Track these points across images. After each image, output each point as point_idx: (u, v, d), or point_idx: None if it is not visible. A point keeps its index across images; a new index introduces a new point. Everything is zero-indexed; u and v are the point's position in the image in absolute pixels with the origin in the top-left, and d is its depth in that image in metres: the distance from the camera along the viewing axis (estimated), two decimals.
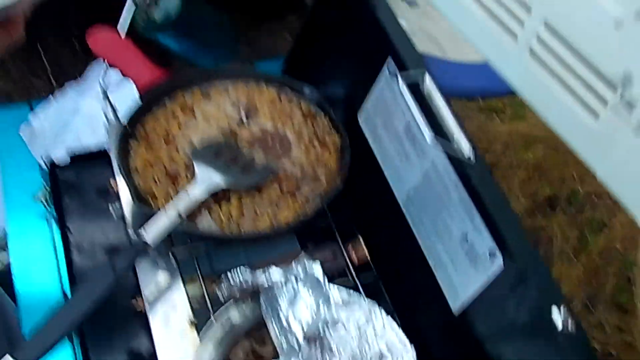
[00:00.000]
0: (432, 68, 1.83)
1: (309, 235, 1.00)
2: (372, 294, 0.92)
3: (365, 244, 0.96)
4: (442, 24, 1.72)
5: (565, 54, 0.69)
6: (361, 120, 0.97)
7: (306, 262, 0.81)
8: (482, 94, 1.84)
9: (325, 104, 1.01)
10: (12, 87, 1.58)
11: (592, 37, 0.65)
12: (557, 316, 0.64)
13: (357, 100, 0.98)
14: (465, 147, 0.75)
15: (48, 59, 1.55)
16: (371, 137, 0.96)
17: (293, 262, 0.82)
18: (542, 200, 1.69)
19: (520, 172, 1.72)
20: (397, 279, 0.94)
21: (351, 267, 0.94)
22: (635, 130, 0.62)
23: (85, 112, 1.18)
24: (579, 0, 0.65)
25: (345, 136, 0.97)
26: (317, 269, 0.81)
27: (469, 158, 0.74)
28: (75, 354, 0.88)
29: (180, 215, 0.87)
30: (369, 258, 0.95)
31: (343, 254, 0.95)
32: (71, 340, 0.89)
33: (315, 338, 0.76)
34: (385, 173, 0.93)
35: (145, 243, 0.84)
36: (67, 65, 1.51)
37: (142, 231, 0.85)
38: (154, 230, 0.85)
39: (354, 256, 0.95)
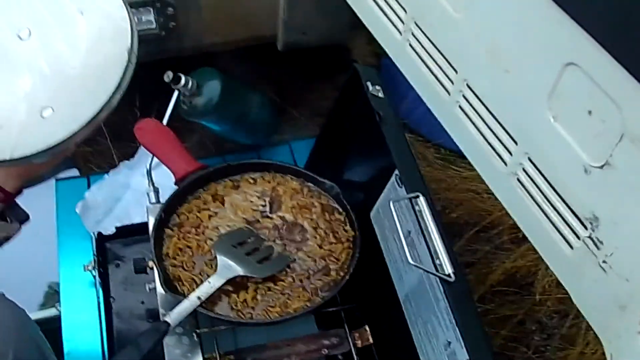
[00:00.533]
0: None
1: (322, 318, 1.10)
2: None
3: (370, 330, 1.05)
4: None
5: (544, 186, 0.77)
6: (372, 218, 1.06)
7: None
8: None
9: (343, 199, 1.10)
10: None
11: (565, 177, 0.74)
12: None
13: (372, 198, 1.07)
14: (447, 265, 0.83)
15: (114, 128, 1.70)
16: (380, 235, 1.05)
17: None
18: None
19: None
20: None
21: (355, 353, 1.03)
22: (601, 265, 0.70)
23: (135, 187, 1.32)
24: (556, 141, 0.73)
25: (358, 233, 1.07)
26: None
27: (449, 275, 0.82)
28: None
29: (199, 298, 0.97)
30: (372, 345, 1.04)
31: (348, 339, 1.04)
32: None
33: None
34: (390, 271, 1.02)
35: (168, 325, 0.95)
36: (131, 135, 1.66)
37: (166, 316, 0.96)
38: (176, 313, 0.96)
39: (358, 341, 1.04)
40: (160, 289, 1.03)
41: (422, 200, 0.88)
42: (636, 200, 0.65)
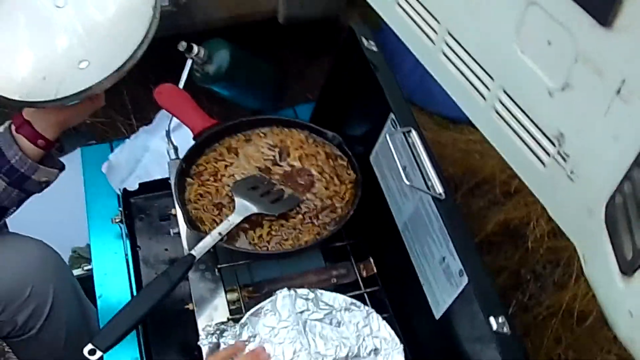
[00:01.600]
0: None
1: (329, 254, 1.22)
2: (377, 302, 1.14)
3: (374, 262, 1.17)
4: None
5: (518, 113, 0.89)
6: (372, 160, 1.19)
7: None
8: None
9: (345, 147, 1.23)
10: (99, 124, 1.85)
11: (534, 102, 0.85)
12: (494, 323, 0.85)
13: (371, 144, 1.19)
14: (438, 185, 0.95)
15: (130, 101, 1.82)
16: (379, 175, 1.17)
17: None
18: None
19: None
20: (397, 290, 1.15)
21: (361, 281, 1.16)
22: (569, 176, 0.82)
23: (154, 149, 1.44)
24: (524, 72, 0.84)
25: (359, 174, 1.19)
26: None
27: (440, 194, 0.95)
28: (140, 342, 1.13)
29: (220, 234, 1.10)
30: (376, 274, 1.16)
31: (354, 270, 1.17)
32: (137, 331, 1.13)
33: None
34: (389, 205, 1.14)
35: (194, 257, 1.07)
36: (145, 107, 1.78)
37: (192, 250, 1.08)
38: (200, 247, 1.08)
39: (363, 272, 1.17)
40: (184, 229, 1.15)
41: (414, 133, 1.00)
42: (592, 113, 0.76)
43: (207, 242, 1.09)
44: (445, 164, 1.84)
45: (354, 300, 1.05)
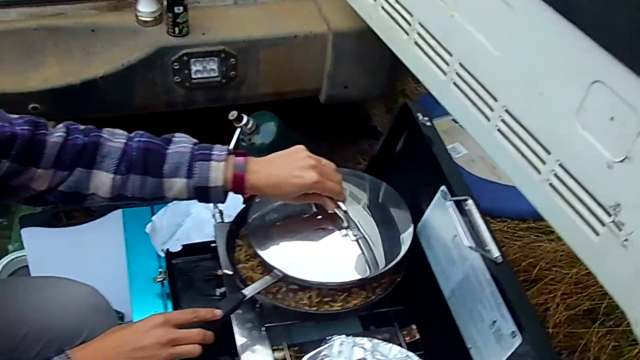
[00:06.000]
0: (487, 190, 2.02)
1: (369, 320, 1.24)
2: None
3: (418, 328, 1.19)
4: None
5: (574, 186, 0.92)
6: (418, 232, 1.22)
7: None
8: (532, 216, 2.03)
9: None
10: None
11: (592, 174, 0.89)
12: None
13: (417, 217, 1.23)
14: (494, 250, 0.99)
15: None
16: (426, 245, 1.21)
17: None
18: (582, 312, 1.86)
19: (563, 286, 1.90)
20: (441, 355, 1.16)
21: (405, 346, 1.17)
22: (623, 244, 0.85)
23: (195, 215, 1.48)
24: (584, 146, 0.89)
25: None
26: None
27: (497, 258, 0.98)
28: None
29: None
30: (419, 341, 1.18)
31: (397, 336, 1.19)
32: None
33: None
34: (435, 274, 1.17)
35: (244, 296, 1.11)
36: None
37: (244, 289, 1.12)
38: (250, 288, 1.12)
39: (406, 337, 1.18)
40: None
41: (470, 202, 1.05)
42: None
43: (258, 284, 1.12)
44: None
45: (409, 353, 1.06)
